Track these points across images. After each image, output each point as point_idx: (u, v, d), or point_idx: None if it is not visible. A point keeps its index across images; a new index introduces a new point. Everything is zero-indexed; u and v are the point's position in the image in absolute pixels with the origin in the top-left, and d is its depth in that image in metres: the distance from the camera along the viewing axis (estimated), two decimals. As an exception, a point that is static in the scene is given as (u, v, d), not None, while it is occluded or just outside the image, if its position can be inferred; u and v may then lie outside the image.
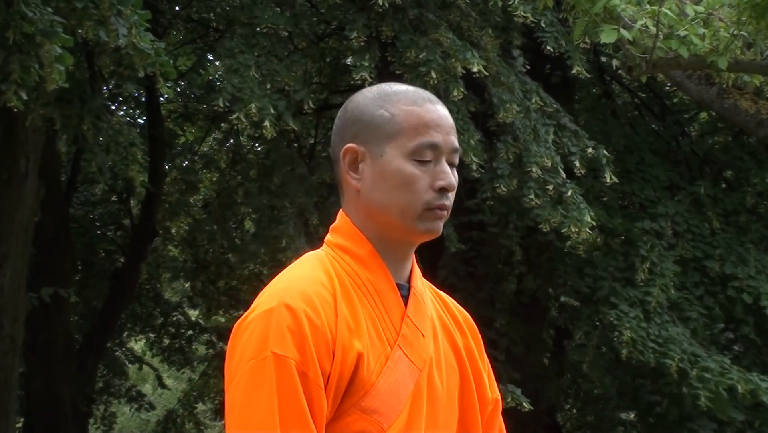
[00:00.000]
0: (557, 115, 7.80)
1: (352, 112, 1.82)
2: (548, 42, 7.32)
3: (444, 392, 1.80)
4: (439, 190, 1.76)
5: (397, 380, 1.72)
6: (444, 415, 1.79)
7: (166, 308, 13.72)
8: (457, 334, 1.90)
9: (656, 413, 9.06)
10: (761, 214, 9.49)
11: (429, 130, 1.77)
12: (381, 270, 1.78)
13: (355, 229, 1.80)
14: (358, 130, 1.80)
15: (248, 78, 6.72)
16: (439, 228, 1.80)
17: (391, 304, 1.77)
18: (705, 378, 7.72)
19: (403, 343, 1.74)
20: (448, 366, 1.83)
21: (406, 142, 1.76)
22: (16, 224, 7.61)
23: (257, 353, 1.64)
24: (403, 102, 1.79)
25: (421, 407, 1.74)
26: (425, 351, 1.77)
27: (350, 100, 1.86)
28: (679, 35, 4.72)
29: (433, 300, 1.89)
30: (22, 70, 5.15)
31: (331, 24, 9.07)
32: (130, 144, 6.67)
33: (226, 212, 11.53)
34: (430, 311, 1.84)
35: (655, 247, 8.49)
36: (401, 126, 1.77)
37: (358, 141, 1.79)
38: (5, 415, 7.57)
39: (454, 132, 1.81)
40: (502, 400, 2.07)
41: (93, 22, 5.39)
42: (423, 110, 1.78)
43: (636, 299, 8.28)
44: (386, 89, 1.83)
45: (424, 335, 1.78)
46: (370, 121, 1.79)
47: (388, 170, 1.76)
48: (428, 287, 1.91)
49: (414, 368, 1.74)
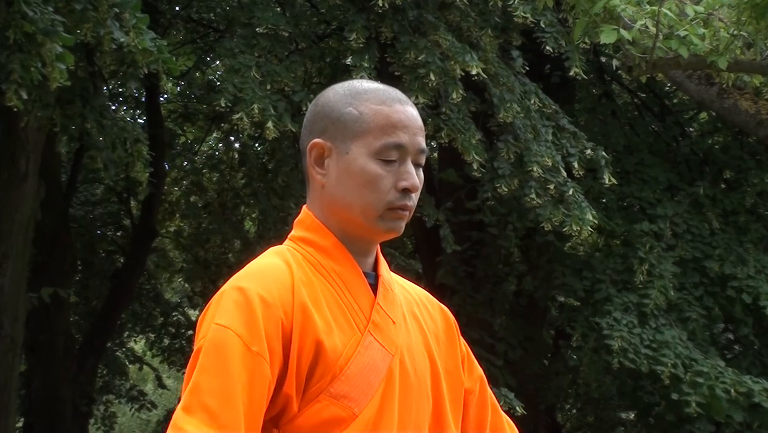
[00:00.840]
0: (556, 117, 7.81)
1: (322, 107, 1.83)
2: (548, 42, 7.32)
3: (416, 378, 1.80)
4: (402, 190, 1.77)
5: (368, 364, 1.72)
6: (417, 401, 1.79)
7: (166, 308, 13.73)
8: (427, 321, 1.90)
9: (655, 414, 9.06)
10: (761, 215, 9.49)
11: (396, 131, 1.77)
12: (346, 260, 1.79)
13: (319, 222, 1.81)
14: (326, 125, 1.81)
15: (249, 78, 6.72)
16: (400, 228, 1.80)
17: (359, 292, 1.78)
18: (697, 383, 7.73)
19: (374, 329, 1.75)
20: (419, 353, 1.83)
21: (372, 141, 1.77)
22: (16, 224, 7.62)
23: (206, 329, 1.67)
24: (372, 101, 1.79)
25: (393, 392, 1.74)
26: (396, 337, 1.78)
27: (321, 95, 1.87)
28: (679, 35, 4.72)
29: (401, 289, 1.90)
30: (22, 70, 5.16)
31: (331, 24, 9.08)
32: (135, 141, 6.67)
33: (227, 213, 11.55)
34: (399, 300, 1.85)
35: (653, 248, 8.49)
36: (368, 125, 1.77)
37: (326, 137, 1.80)
38: (5, 415, 7.58)
39: (422, 133, 1.81)
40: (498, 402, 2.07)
41: (92, 24, 5.39)
42: (391, 110, 1.79)
43: (632, 302, 8.27)
44: (357, 86, 1.84)
45: (395, 321, 1.79)
46: (338, 118, 1.79)
47: (353, 168, 1.77)
48: (395, 278, 1.92)
49: (386, 353, 1.75)
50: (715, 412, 7.87)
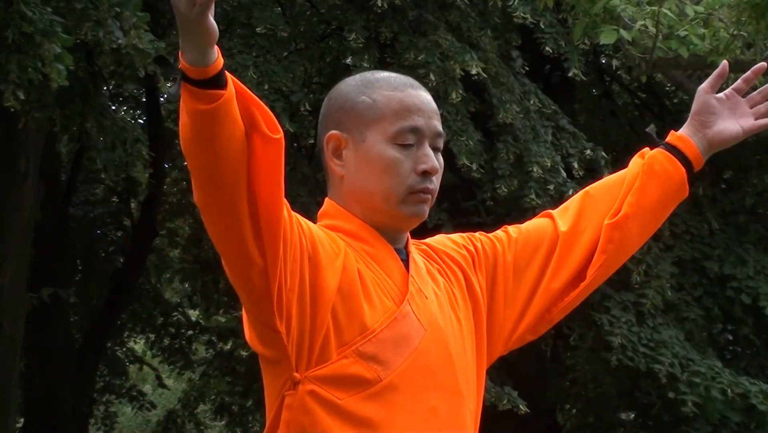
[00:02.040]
0: (556, 117, 7.80)
1: (335, 100, 1.84)
2: (548, 43, 7.32)
3: (451, 356, 1.78)
4: (422, 173, 1.77)
5: (401, 333, 1.72)
6: (452, 374, 1.77)
7: (166, 308, 13.71)
8: (450, 277, 1.89)
9: (652, 414, 9.05)
10: (760, 215, 9.47)
11: (411, 114, 1.78)
12: (376, 239, 1.79)
13: (343, 209, 1.81)
14: (341, 117, 1.81)
15: (246, 78, 6.72)
16: (424, 212, 1.80)
17: (392, 269, 1.78)
18: (694, 383, 7.72)
19: (411, 300, 1.75)
20: (450, 329, 1.81)
21: (387, 127, 1.77)
22: (16, 223, 7.62)
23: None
24: (385, 88, 1.80)
25: (425, 367, 1.73)
26: (429, 313, 1.78)
27: (334, 89, 1.87)
28: (679, 35, 4.72)
29: (425, 259, 1.89)
30: (20, 70, 5.15)
31: (330, 24, 9.08)
32: (134, 141, 6.67)
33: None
34: (425, 275, 1.85)
35: (651, 249, 8.47)
36: (382, 111, 1.78)
37: (341, 128, 1.80)
38: (5, 415, 7.58)
39: (437, 116, 1.82)
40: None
41: (92, 23, 5.39)
42: (404, 95, 1.80)
43: (630, 302, 8.26)
44: (368, 77, 1.85)
45: (427, 297, 1.79)
46: (352, 108, 1.80)
47: (371, 155, 1.77)
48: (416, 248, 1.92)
49: (419, 326, 1.75)
50: (708, 414, 7.86)
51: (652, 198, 1.97)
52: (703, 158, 2.00)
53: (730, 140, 2.00)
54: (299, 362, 1.69)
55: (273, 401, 1.72)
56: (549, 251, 1.94)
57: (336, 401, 1.67)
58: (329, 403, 1.67)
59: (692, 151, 1.99)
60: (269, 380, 1.74)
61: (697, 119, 2.01)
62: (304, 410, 1.68)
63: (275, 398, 1.72)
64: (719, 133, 1.99)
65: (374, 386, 1.69)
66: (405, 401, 1.71)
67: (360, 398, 1.68)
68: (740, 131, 2.00)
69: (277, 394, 1.71)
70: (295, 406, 1.68)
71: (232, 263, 1.66)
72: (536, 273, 1.93)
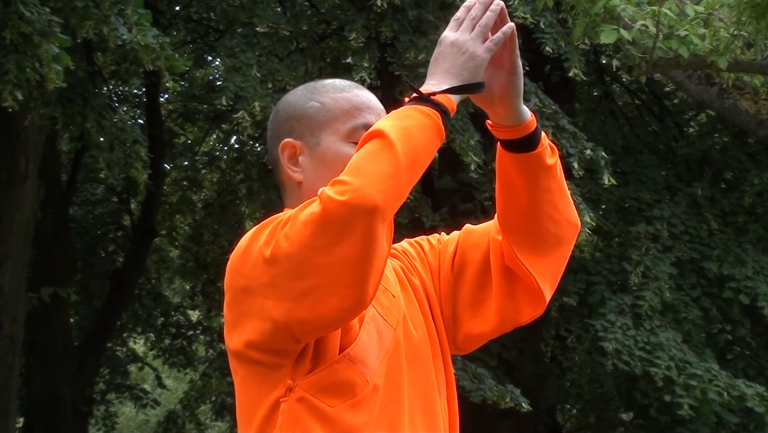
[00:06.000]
0: (555, 117, 7.80)
1: (284, 111, 1.87)
2: (548, 43, 7.31)
3: (421, 348, 1.82)
4: None
5: (373, 335, 1.74)
6: (424, 370, 1.80)
7: (166, 308, 13.71)
8: (414, 275, 1.91)
9: (650, 416, 9.04)
10: (759, 215, 9.46)
11: (361, 112, 1.82)
12: None
13: None
14: (292, 125, 1.84)
15: (250, 77, 6.73)
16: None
17: None
18: (691, 386, 7.71)
19: (376, 302, 1.76)
20: (418, 325, 1.84)
21: (340, 127, 1.81)
22: (16, 224, 7.62)
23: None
24: (331, 91, 1.84)
25: (401, 363, 1.76)
26: (397, 310, 1.80)
27: (280, 102, 1.90)
28: (679, 35, 4.72)
29: (389, 260, 1.89)
30: (18, 70, 5.15)
31: (331, 24, 9.08)
32: (133, 141, 6.67)
33: (227, 213, 11.54)
34: (395, 273, 1.87)
35: (649, 250, 8.46)
36: (333, 112, 1.81)
37: (294, 136, 1.83)
38: (5, 415, 7.58)
39: (384, 114, 1.82)
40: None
41: (93, 21, 5.40)
42: (351, 95, 1.83)
43: (626, 304, 8.24)
44: (313, 84, 1.89)
45: (395, 295, 1.82)
46: (302, 114, 1.83)
47: (328, 156, 1.80)
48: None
49: (388, 326, 1.77)
50: (704, 416, 7.86)
51: (505, 181, 1.98)
52: (509, 118, 1.88)
53: (497, 81, 1.86)
54: (296, 368, 1.69)
55: (256, 406, 1.71)
56: (466, 249, 2.00)
57: (327, 409, 1.67)
58: (320, 412, 1.67)
59: (497, 122, 1.90)
60: (255, 384, 1.72)
61: (482, 105, 1.90)
62: (295, 418, 1.67)
63: (260, 404, 1.70)
64: (491, 92, 1.85)
65: (363, 390, 1.70)
66: (386, 401, 1.72)
67: (349, 405, 1.68)
68: (486, 59, 1.80)
69: (263, 399, 1.70)
70: (287, 413, 1.68)
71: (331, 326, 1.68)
72: (457, 272, 1.95)
